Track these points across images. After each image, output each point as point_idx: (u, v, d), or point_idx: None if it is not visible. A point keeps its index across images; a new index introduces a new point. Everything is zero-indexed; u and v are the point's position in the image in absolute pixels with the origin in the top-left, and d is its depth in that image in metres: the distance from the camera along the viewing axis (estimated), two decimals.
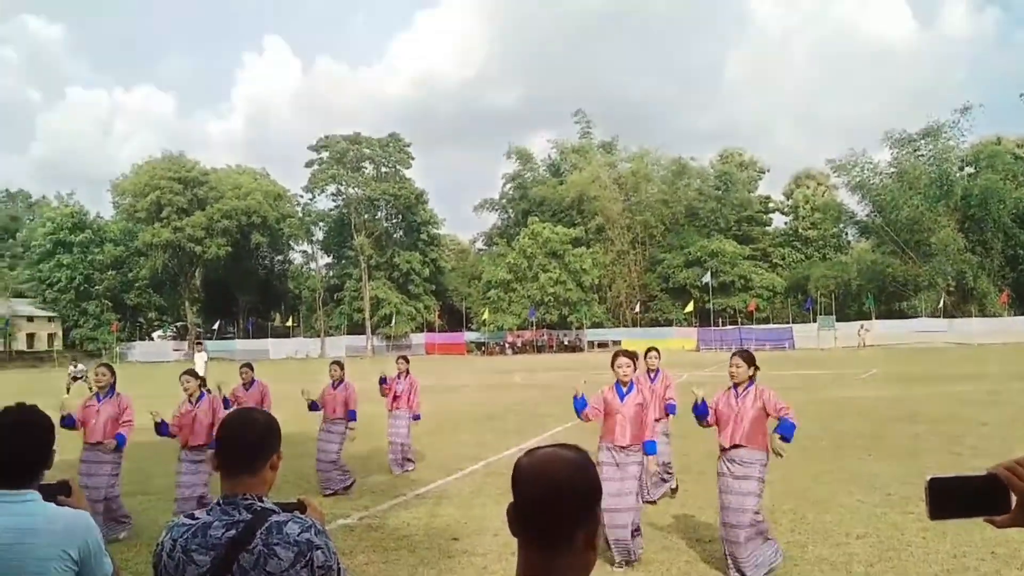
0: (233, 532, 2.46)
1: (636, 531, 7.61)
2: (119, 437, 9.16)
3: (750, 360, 7.24)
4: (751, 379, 7.20)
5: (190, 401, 9.50)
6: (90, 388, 9.54)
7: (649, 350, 10.87)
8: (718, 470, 7.22)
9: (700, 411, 7.34)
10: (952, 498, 1.60)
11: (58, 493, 2.82)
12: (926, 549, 7.62)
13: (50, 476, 2.86)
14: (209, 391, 9.96)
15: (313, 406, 12.08)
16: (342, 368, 12.25)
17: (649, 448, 7.76)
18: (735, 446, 7.03)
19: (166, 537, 2.52)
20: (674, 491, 10.38)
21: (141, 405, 9.78)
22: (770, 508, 8.44)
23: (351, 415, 11.87)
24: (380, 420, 13.94)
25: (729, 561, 6.96)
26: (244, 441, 2.58)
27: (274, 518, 2.51)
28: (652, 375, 10.57)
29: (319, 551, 2.50)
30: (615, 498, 7.36)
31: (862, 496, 10.01)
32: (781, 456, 7.17)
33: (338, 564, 2.58)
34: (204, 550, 2.45)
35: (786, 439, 7.08)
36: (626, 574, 7.36)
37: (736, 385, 7.22)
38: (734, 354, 7.39)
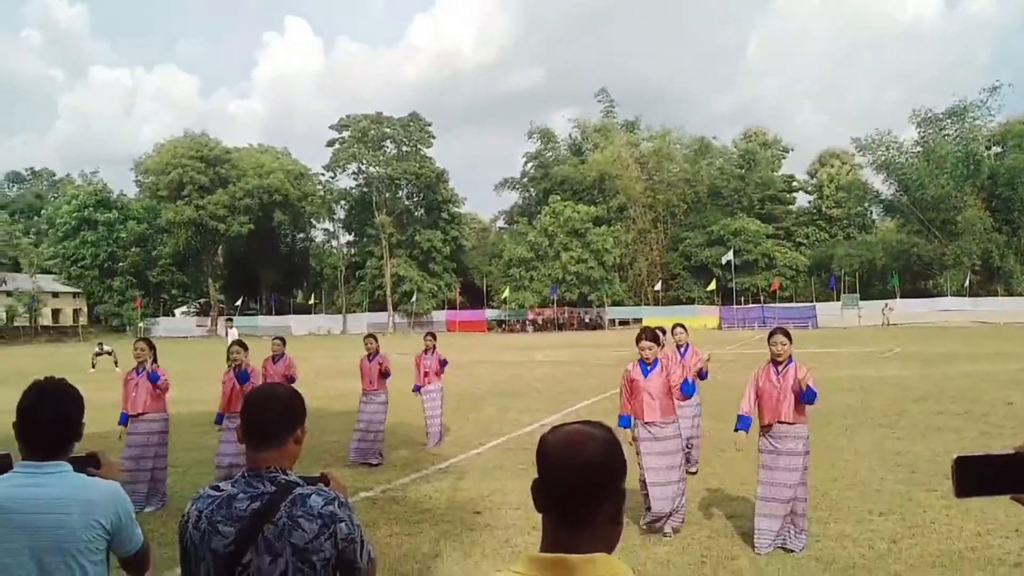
0: (258, 504, 2.47)
1: (679, 507, 7.67)
2: (152, 375, 9.42)
3: (791, 338, 7.35)
4: (790, 356, 7.30)
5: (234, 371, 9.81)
6: (115, 362, 9.76)
7: (676, 326, 10.91)
8: (760, 447, 7.27)
9: (744, 423, 7.43)
10: (979, 476, 1.60)
11: (88, 465, 2.84)
12: (950, 527, 7.59)
13: (83, 448, 2.90)
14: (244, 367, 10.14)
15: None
16: (376, 341, 12.34)
17: (686, 389, 7.87)
18: (780, 422, 7.11)
19: (191, 508, 2.54)
20: (693, 474, 10.33)
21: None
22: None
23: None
24: (403, 396, 14.05)
25: (757, 536, 7.00)
26: (268, 415, 2.59)
27: (298, 491, 2.52)
28: (682, 350, 10.59)
29: (343, 523, 2.52)
30: (656, 472, 7.56)
31: (885, 474, 9.98)
32: None
33: (361, 536, 2.60)
34: (229, 522, 2.47)
35: (808, 400, 7.12)
36: (645, 542, 7.39)
37: (777, 362, 7.27)
38: (775, 332, 7.44)
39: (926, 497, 8.73)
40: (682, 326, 10.92)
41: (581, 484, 1.69)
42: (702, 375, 10.40)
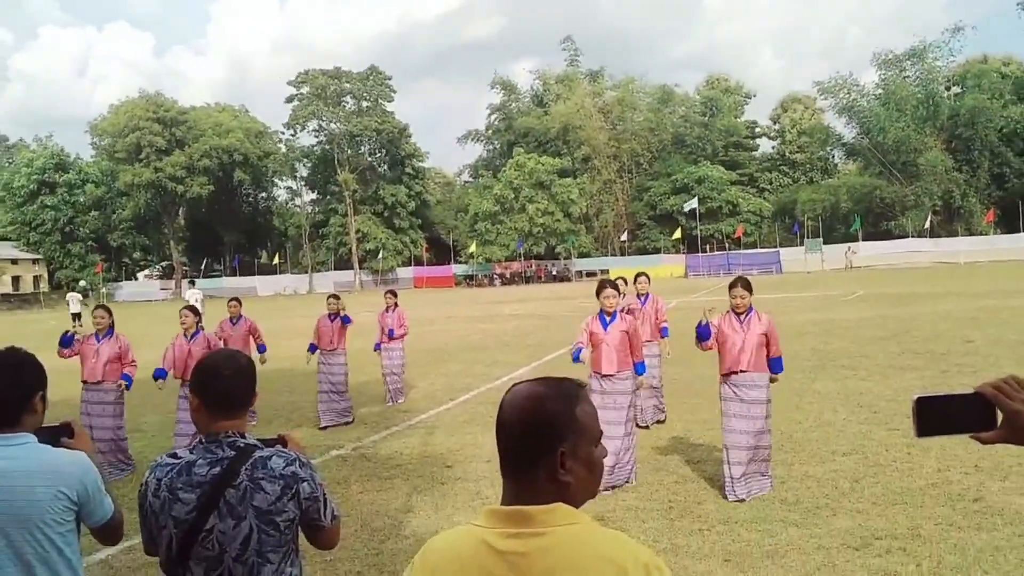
0: (218, 469, 2.48)
1: (629, 459, 7.74)
2: (125, 377, 9.26)
3: (751, 288, 7.39)
4: (751, 306, 7.37)
5: (185, 336, 9.52)
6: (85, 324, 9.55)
7: (638, 275, 10.98)
8: (722, 395, 7.35)
9: (703, 332, 7.42)
10: (939, 416, 1.62)
11: (61, 435, 2.80)
12: (911, 464, 7.75)
13: (54, 417, 2.85)
14: (203, 328, 10.00)
15: (312, 348, 12.14)
16: (339, 301, 12.23)
17: (639, 369, 7.90)
18: (742, 371, 7.19)
19: (150, 477, 2.53)
20: (661, 423, 10.46)
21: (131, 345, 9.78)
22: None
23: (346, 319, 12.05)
24: (370, 354, 14.00)
25: (727, 481, 7.11)
26: (223, 383, 2.58)
27: (258, 453, 2.52)
28: (642, 299, 10.66)
29: (305, 483, 2.54)
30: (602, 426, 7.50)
31: (848, 414, 10.15)
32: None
33: (324, 494, 2.62)
34: (189, 488, 2.47)
35: (776, 375, 7.35)
36: (616, 495, 7.47)
37: (737, 312, 7.33)
38: (735, 283, 7.44)
39: (888, 436, 8.90)
40: (645, 275, 10.98)
41: (532, 438, 1.71)
42: (663, 332, 10.57)
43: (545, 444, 1.71)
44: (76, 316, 29.99)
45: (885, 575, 5.31)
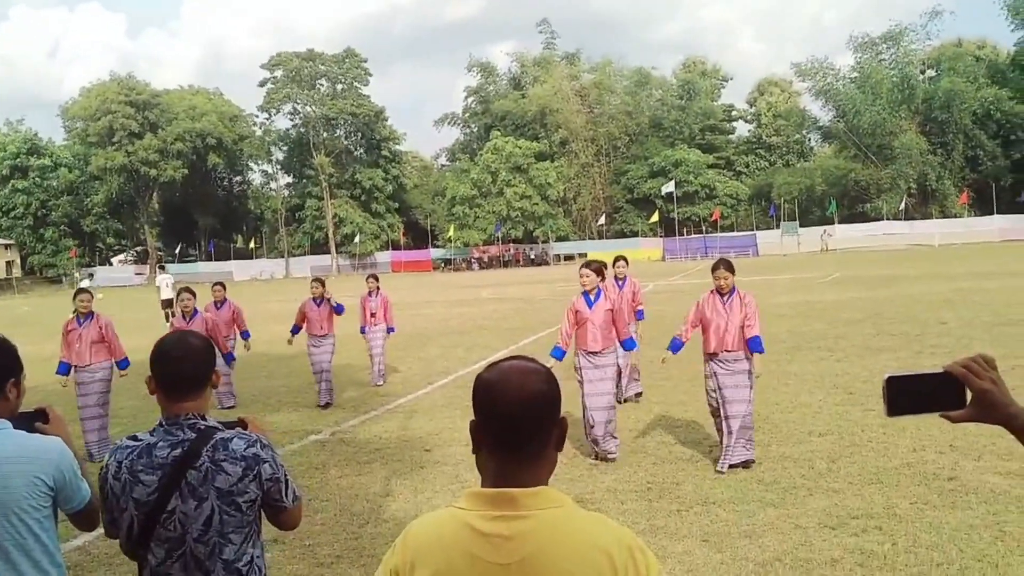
0: (179, 451, 2.49)
1: (613, 432, 8.00)
2: (123, 363, 9.57)
3: (733, 269, 7.58)
4: (733, 286, 7.57)
5: (184, 317, 9.59)
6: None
7: (617, 259, 11.06)
8: (707, 372, 7.59)
9: (675, 347, 7.90)
10: (909, 395, 1.63)
11: (36, 420, 2.80)
12: (886, 444, 7.83)
13: (29, 404, 2.82)
14: (197, 310, 10.04)
15: (295, 330, 12.06)
16: (323, 285, 12.14)
17: (628, 344, 8.27)
18: (727, 351, 7.42)
19: (111, 460, 2.54)
20: (639, 395, 10.66)
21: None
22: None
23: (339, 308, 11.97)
24: (347, 338, 13.97)
25: (727, 450, 7.32)
26: (184, 365, 2.58)
27: (219, 435, 2.54)
28: (620, 282, 10.73)
29: (266, 464, 2.56)
30: (598, 397, 7.94)
31: (824, 396, 10.24)
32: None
33: (286, 476, 2.64)
34: (151, 470, 2.47)
35: (757, 351, 7.45)
36: (592, 472, 7.56)
37: (721, 293, 7.52)
38: (717, 264, 7.61)
39: (863, 417, 8.99)
40: (624, 259, 11.04)
41: (529, 417, 1.72)
42: (638, 315, 10.68)
43: (544, 421, 1.75)
44: (168, 303, 25.61)
45: (861, 553, 5.36)
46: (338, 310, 11.91)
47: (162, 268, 28.84)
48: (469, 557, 1.66)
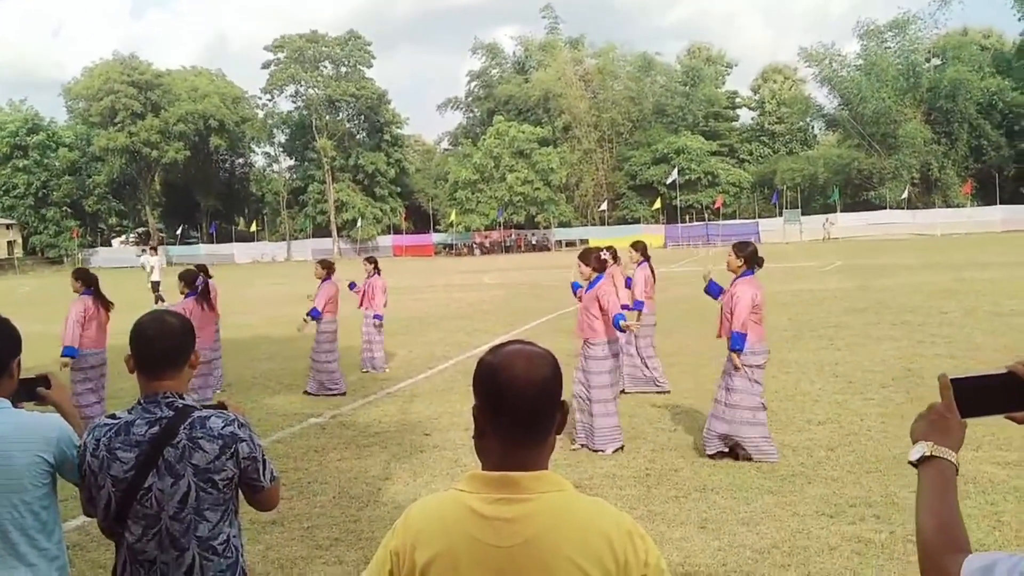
0: (156, 429, 2.51)
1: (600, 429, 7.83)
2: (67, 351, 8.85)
3: (736, 252, 7.49)
4: (736, 273, 7.46)
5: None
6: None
7: (635, 243, 11.11)
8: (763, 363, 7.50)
9: (713, 291, 7.93)
10: (975, 397, 1.59)
11: (38, 386, 2.85)
12: (885, 433, 7.85)
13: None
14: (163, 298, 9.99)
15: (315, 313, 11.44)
16: (327, 267, 11.86)
17: (616, 319, 7.74)
18: (719, 337, 7.55)
19: (89, 438, 2.56)
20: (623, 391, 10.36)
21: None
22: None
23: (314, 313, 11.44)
24: (348, 321, 13.94)
25: (741, 445, 7.24)
26: (161, 343, 2.60)
27: (196, 414, 2.56)
28: (637, 266, 10.72)
29: (243, 443, 2.58)
30: (594, 390, 7.79)
31: (824, 384, 10.25)
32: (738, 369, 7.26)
33: (263, 456, 2.66)
34: (128, 447, 2.50)
35: (737, 350, 7.20)
36: (591, 457, 7.56)
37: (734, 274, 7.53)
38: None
39: (863, 406, 9.00)
40: (641, 243, 11.11)
41: (536, 403, 1.73)
42: (636, 306, 10.37)
43: (550, 406, 1.76)
44: (156, 285, 24.19)
45: (859, 541, 5.38)
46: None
47: (153, 251, 28.58)
48: (470, 539, 1.68)
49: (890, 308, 17.53)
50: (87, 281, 9.10)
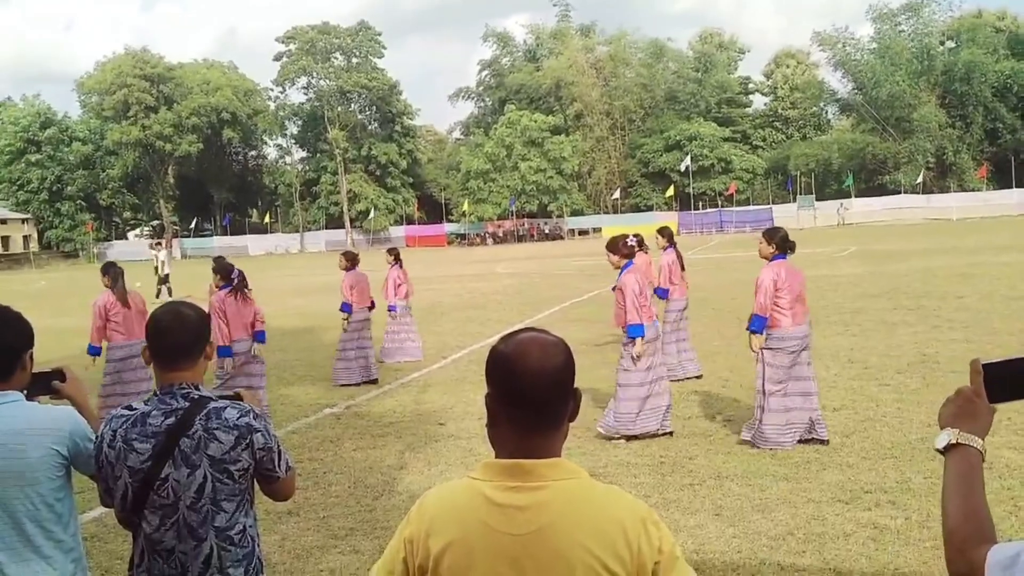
0: (172, 420, 2.53)
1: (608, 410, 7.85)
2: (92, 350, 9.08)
3: (765, 237, 7.63)
4: (768, 260, 7.52)
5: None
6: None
7: (661, 229, 11.14)
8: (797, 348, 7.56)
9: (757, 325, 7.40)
10: (1007, 382, 1.59)
11: (53, 379, 2.86)
12: (900, 419, 7.81)
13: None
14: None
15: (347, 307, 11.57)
16: (351, 259, 12.04)
17: (631, 331, 7.60)
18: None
19: (106, 429, 2.58)
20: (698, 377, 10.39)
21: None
22: (748, 385, 8.59)
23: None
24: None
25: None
26: (176, 335, 2.62)
27: (212, 404, 2.58)
28: (663, 251, 10.75)
29: (259, 434, 2.59)
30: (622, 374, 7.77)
31: (839, 370, 10.21)
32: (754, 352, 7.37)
33: (279, 446, 2.68)
34: (144, 438, 2.52)
35: (754, 331, 7.28)
36: (605, 445, 7.56)
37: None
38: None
39: (878, 391, 8.96)
40: (667, 228, 11.14)
41: (551, 391, 1.73)
42: (657, 292, 10.29)
43: (566, 391, 1.77)
44: (165, 279, 25.19)
45: (874, 528, 5.36)
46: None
47: (159, 244, 28.75)
48: (484, 527, 1.68)
49: (905, 293, 17.43)
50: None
